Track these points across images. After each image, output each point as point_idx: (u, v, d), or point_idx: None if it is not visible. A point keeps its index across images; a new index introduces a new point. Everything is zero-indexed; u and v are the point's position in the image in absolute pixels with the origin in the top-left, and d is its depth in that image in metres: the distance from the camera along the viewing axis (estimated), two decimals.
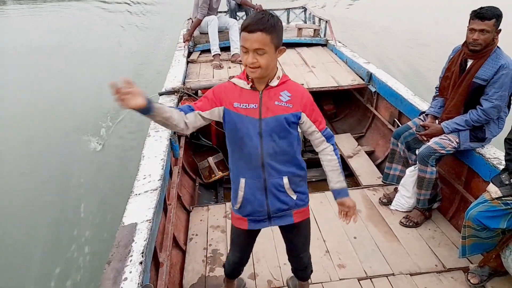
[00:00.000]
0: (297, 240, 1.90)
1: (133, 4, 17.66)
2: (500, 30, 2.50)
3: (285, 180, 1.69)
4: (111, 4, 17.58)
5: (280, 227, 1.87)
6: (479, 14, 2.44)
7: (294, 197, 1.73)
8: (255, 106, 1.59)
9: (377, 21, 12.69)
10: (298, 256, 1.96)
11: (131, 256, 1.76)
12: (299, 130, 1.70)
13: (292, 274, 2.16)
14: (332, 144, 1.73)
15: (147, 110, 1.43)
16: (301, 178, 1.76)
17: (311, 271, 2.09)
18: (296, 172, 1.72)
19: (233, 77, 1.68)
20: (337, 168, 1.74)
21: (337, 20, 10.56)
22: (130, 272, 1.67)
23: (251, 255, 2.56)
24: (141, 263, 1.72)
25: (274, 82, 1.60)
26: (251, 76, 1.55)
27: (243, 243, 1.93)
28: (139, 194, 2.24)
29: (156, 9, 16.49)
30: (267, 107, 1.58)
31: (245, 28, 1.48)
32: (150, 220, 1.99)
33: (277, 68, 1.62)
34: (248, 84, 1.60)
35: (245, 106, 1.59)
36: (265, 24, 1.45)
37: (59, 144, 5.35)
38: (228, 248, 2.42)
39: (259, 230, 1.89)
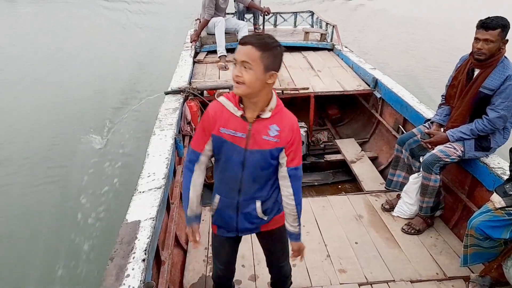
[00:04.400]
0: (274, 247, 1.90)
1: (132, 2, 17.66)
2: (507, 40, 2.50)
3: (258, 204, 1.68)
4: (112, 2, 17.60)
5: (258, 236, 1.91)
6: (483, 24, 2.45)
7: (265, 218, 1.73)
8: (243, 135, 1.53)
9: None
10: (278, 265, 1.96)
11: (134, 253, 1.76)
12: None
13: None
14: (293, 187, 1.63)
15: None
16: (274, 199, 1.73)
17: (291, 283, 2.09)
18: (270, 194, 1.69)
19: (222, 94, 1.61)
20: (294, 214, 1.69)
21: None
22: (133, 269, 1.67)
23: (252, 259, 2.59)
24: (143, 260, 1.72)
25: (266, 115, 1.52)
26: (235, 91, 1.47)
27: (225, 251, 1.90)
28: (143, 191, 2.24)
29: (156, 8, 16.54)
30: (254, 139, 1.53)
31: (239, 41, 1.45)
32: (153, 218, 2.00)
33: (271, 96, 1.53)
34: (239, 111, 1.52)
35: (232, 133, 1.53)
36: (259, 40, 1.41)
37: (61, 140, 5.36)
38: None
39: (239, 239, 1.91)
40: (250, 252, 2.63)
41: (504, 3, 13.86)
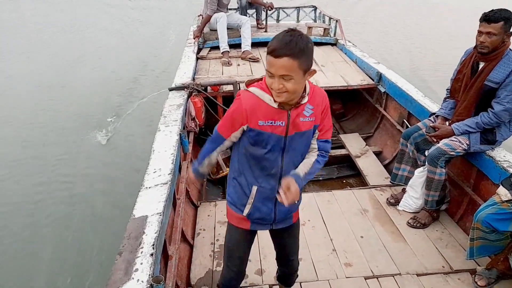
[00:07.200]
0: (290, 241, 1.89)
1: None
2: (511, 33, 2.48)
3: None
4: None
5: (272, 233, 1.89)
6: (486, 17, 2.45)
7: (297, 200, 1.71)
8: (282, 123, 1.51)
9: None
10: (290, 259, 1.95)
11: (142, 248, 1.78)
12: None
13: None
14: (321, 156, 1.64)
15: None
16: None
17: (297, 276, 2.09)
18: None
19: (251, 82, 1.56)
20: (309, 165, 1.62)
21: None
22: (141, 263, 1.69)
23: (258, 253, 2.60)
24: (152, 255, 1.74)
25: (305, 99, 1.52)
26: (277, 100, 1.46)
27: (241, 249, 1.86)
28: (149, 187, 2.26)
29: (157, 4, 16.50)
30: (294, 124, 1.52)
31: (271, 52, 1.38)
32: (160, 213, 2.01)
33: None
34: (275, 102, 1.49)
35: (271, 123, 1.51)
36: (293, 49, 1.35)
37: (65, 136, 5.37)
38: None
39: (254, 236, 1.90)
40: (256, 247, 2.65)
41: None
